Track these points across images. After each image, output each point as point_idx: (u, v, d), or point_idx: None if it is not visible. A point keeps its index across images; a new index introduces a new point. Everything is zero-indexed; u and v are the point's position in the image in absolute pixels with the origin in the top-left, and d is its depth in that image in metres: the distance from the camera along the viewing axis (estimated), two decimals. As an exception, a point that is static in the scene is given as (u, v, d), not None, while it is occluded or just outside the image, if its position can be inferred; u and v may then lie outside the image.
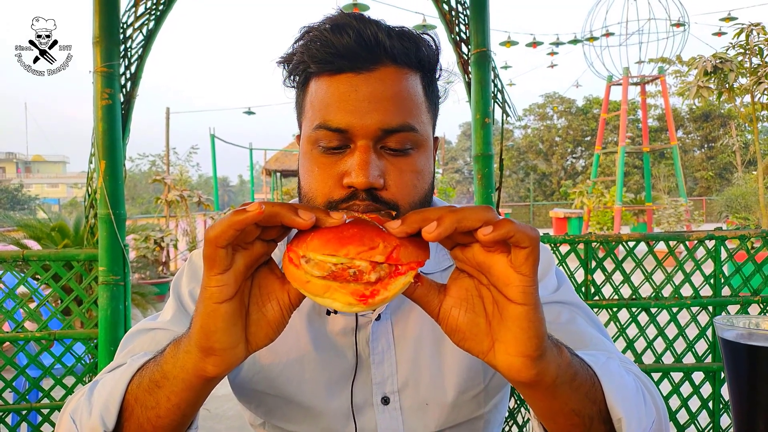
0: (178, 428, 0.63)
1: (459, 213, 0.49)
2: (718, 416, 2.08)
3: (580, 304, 0.87)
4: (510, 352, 0.52)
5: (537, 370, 0.52)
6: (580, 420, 0.61)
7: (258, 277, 0.56)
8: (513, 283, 0.50)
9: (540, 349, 0.52)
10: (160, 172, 14.49)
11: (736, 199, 12.73)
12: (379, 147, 0.75)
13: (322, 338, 0.87)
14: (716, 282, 2.03)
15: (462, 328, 0.55)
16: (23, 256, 1.91)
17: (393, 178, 0.74)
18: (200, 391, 0.58)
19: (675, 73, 14.09)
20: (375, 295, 0.50)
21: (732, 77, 8.68)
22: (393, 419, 0.86)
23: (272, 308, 0.56)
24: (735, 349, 0.65)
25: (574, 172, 35.63)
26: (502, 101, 2.14)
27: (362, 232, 0.50)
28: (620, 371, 0.66)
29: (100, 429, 0.62)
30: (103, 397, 0.64)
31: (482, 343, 0.54)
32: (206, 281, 0.52)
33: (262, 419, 0.91)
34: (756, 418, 0.64)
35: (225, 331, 0.53)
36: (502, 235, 0.48)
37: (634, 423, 0.62)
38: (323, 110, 0.75)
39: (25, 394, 1.99)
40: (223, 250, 0.50)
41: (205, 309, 0.52)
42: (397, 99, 0.74)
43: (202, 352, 0.54)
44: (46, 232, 5.81)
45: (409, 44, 0.77)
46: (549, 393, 0.56)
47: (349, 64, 0.73)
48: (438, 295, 0.56)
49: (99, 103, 1.86)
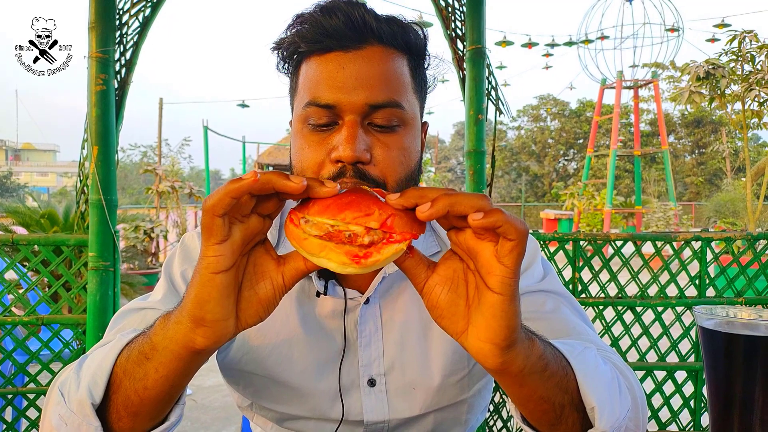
0: (165, 401, 0.63)
1: (454, 197, 0.51)
2: (699, 415, 2.11)
3: (565, 293, 0.89)
4: (480, 337, 0.54)
5: (504, 359, 0.54)
6: (550, 407, 0.63)
7: (253, 256, 0.57)
8: (494, 272, 0.51)
9: (508, 339, 0.53)
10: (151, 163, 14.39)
11: (725, 205, 12.87)
12: (366, 123, 0.78)
13: (311, 320, 0.88)
14: (701, 283, 2.06)
15: (441, 305, 0.56)
16: (12, 240, 1.90)
17: (380, 153, 0.77)
18: (188, 363, 0.59)
19: (668, 79, 14.17)
20: (368, 257, 0.52)
21: (724, 83, 8.76)
22: (378, 401, 0.87)
23: (265, 287, 0.57)
24: (713, 338, 0.66)
25: (566, 174, 35.80)
26: (496, 99, 2.16)
27: (360, 199, 0.53)
28: (596, 360, 0.68)
29: (88, 402, 0.63)
30: (92, 371, 0.65)
31: (458, 324, 0.56)
32: (204, 251, 0.53)
33: (249, 400, 0.92)
34: (732, 405, 0.66)
35: (218, 302, 0.54)
36: (491, 223, 0.50)
37: (607, 411, 0.63)
38: (312, 88, 0.78)
39: (11, 379, 1.98)
40: (220, 219, 0.51)
41: (201, 278, 0.53)
42: (384, 77, 0.78)
43: (194, 322, 0.55)
44: (35, 218, 5.77)
45: (396, 28, 0.80)
46: (517, 381, 0.58)
47: (337, 43, 0.77)
48: (426, 270, 0.57)
49: (93, 89, 1.86)
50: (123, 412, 0.64)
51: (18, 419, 2.02)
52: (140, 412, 0.63)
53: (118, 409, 0.64)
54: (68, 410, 0.64)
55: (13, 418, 2.02)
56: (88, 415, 0.63)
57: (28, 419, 2.00)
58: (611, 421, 0.63)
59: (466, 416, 0.93)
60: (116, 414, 0.64)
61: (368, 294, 0.87)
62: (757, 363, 0.65)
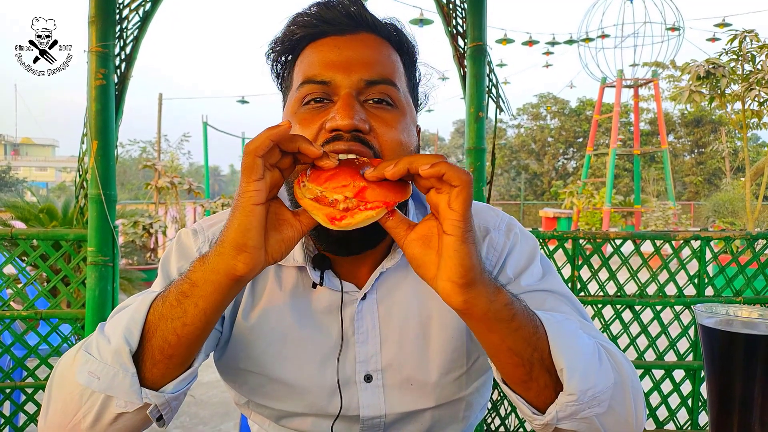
0: (199, 338, 0.68)
1: (413, 157, 0.61)
2: (696, 413, 2.12)
3: (566, 293, 0.88)
4: (443, 277, 0.62)
5: (464, 297, 0.62)
6: (519, 360, 0.67)
7: (273, 206, 0.66)
8: (447, 217, 0.60)
9: (465, 277, 0.61)
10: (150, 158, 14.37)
11: (724, 205, 12.88)
12: (362, 100, 0.79)
13: (306, 316, 0.87)
14: (700, 282, 2.06)
15: (417, 256, 0.65)
16: (11, 234, 1.90)
17: (378, 125, 0.79)
18: (227, 293, 0.65)
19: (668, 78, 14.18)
20: (342, 219, 0.63)
21: (724, 83, 8.75)
22: (375, 397, 0.87)
23: (287, 230, 0.66)
24: (713, 336, 0.66)
25: (565, 173, 35.77)
26: (497, 96, 2.15)
27: (341, 172, 0.64)
28: (575, 330, 0.71)
29: (125, 348, 0.66)
30: (122, 325, 0.68)
31: (430, 271, 0.64)
32: (245, 187, 0.61)
33: (246, 398, 0.92)
34: (731, 403, 0.66)
35: (257, 230, 0.62)
36: (436, 170, 0.59)
37: (578, 375, 0.65)
38: (307, 69, 0.81)
39: (9, 373, 1.98)
40: (260, 160, 0.60)
41: (244, 209, 0.61)
42: (379, 58, 0.81)
43: (236, 249, 0.62)
44: (34, 213, 5.76)
45: (391, 27, 0.85)
46: (484, 326, 0.65)
47: (333, 28, 0.81)
48: (406, 230, 0.66)
49: (93, 83, 1.86)
50: (159, 356, 0.67)
51: (16, 413, 2.02)
52: (175, 354, 0.67)
53: (153, 353, 0.67)
54: (101, 363, 0.67)
55: (11, 412, 2.03)
56: (125, 362, 0.67)
57: (26, 413, 2.00)
58: (582, 386, 0.65)
59: (464, 413, 0.92)
60: (151, 360, 0.68)
61: (365, 289, 0.86)
62: (757, 361, 0.65)
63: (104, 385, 0.67)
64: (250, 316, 0.87)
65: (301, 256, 0.85)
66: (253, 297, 0.88)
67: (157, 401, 0.68)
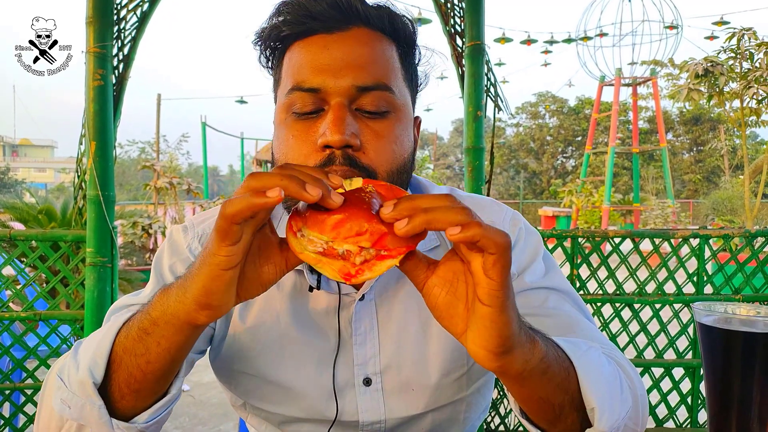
0: (167, 373, 0.65)
1: (432, 213, 0.50)
2: (696, 411, 2.12)
3: (569, 290, 0.87)
4: (476, 342, 0.54)
5: (500, 363, 0.55)
6: (549, 407, 0.63)
7: (258, 239, 0.58)
8: (482, 284, 0.51)
9: (502, 347, 0.53)
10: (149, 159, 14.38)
11: (723, 203, 12.88)
12: (354, 108, 0.75)
13: (303, 318, 0.86)
14: (699, 280, 2.06)
15: (440, 307, 0.56)
16: (10, 235, 1.90)
17: (369, 140, 0.75)
18: (189, 335, 0.61)
19: (666, 76, 14.18)
20: (359, 274, 0.53)
21: (723, 81, 8.76)
22: (374, 400, 0.85)
23: (269, 270, 0.59)
24: (712, 334, 0.66)
25: (564, 172, 35.77)
26: (495, 95, 2.15)
27: (351, 216, 0.52)
28: (600, 360, 0.67)
29: (89, 381, 0.63)
30: (90, 352, 0.66)
31: (457, 326, 0.56)
32: (216, 250, 0.53)
33: (242, 400, 0.90)
34: (730, 401, 0.66)
35: (224, 293, 0.56)
36: (468, 237, 0.49)
37: (607, 412, 0.63)
38: (296, 73, 0.75)
39: (9, 374, 1.98)
40: (237, 226, 0.52)
41: (211, 273, 0.54)
42: (372, 58, 0.75)
43: (198, 305, 0.56)
44: (33, 214, 5.75)
45: (384, 13, 0.78)
46: (517, 381, 0.59)
47: (321, 25, 0.74)
48: (426, 271, 0.57)
49: (90, 84, 1.85)
50: (126, 389, 0.65)
51: (15, 415, 2.02)
52: (143, 388, 0.64)
53: (120, 386, 0.65)
54: (70, 393, 0.65)
55: (11, 413, 2.02)
56: (91, 394, 0.64)
57: (25, 415, 2.00)
58: (611, 421, 0.63)
59: (465, 415, 0.91)
60: (119, 392, 0.65)
61: (363, 291, 0.84)
62: (756, 359, 0.65)
63: (75, 415, 0.65)
64: (247, 316, 0.86)
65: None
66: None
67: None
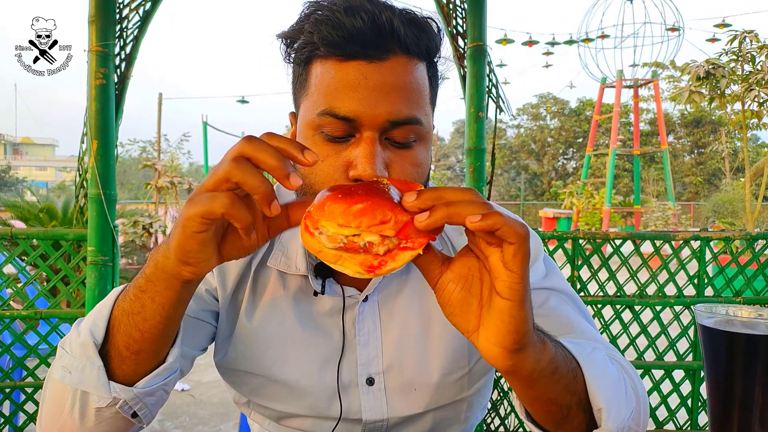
0: (164, 334, 0.66)
1: (453, 207, 0.50)
2: (696, 413, 2.12)
3: (569, 291, 0.88)
4: (490, 339, 0.53)
5: (513, 362, 0.54)
6: (557, 408, 0.63)
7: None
8: (501, 277, 0.51)
9: (518, 344, 0.53)
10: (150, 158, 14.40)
11: (723, 205, 12.89)
12: (384, 138, 0.74)
13: (308, 319, 0.87)
14: (700, 282, 2.06)
15: (454, 303, 0.56)
16: (11, 233, 1.90)
17: (395, 170, 0.74)
18: (179, 290, 0.62)
19: (668, 78, 14.20)
20: (382, 265, 0.52)
21: (724, 83, 8.76)
22: (377, 399, 0.87)
23: (251, 237, 0.60)
24: (713, 336, 0.66)
25: (565, 173, 35.79)
26: (497, 96, 2.15)
27: (375, 205, 0.51)
28: (605, 361, 0.68)
29: (90, 342, 0.65)
30: (91, 319, 0.68)
31: (469, 323, 0.55)
32: (187, 214, 0.54)
33: (246, 398, 0.92)
34: (731, 403, 0.66)
35: (199, 252, 0.57)
36: (488, 225, 0.49)
37: (614, 413, 0.63)
38: (330, 96, 0.73)
39: (9, 373, 1.98)
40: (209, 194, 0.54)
41: (184, 233, 0.55)
42: (406, 91, 0.74)
43: (179, 261, 0.58)
44: (34, 213, 5.76)
45: (419, 32, 0.76)
46: (526, 383, 0.59)
47: (360, 50, 0.72)
48: (440, 267, 0.56)
49: (93, 83, 1.86)
50: (126, 352, 0.66)
51: (16, 413, 2.02)
52: (142, 349, 0.66)
53: (120, 349, 0.66)
54: (71, 357, 0.67)
55: (11, 411, 2.02)
56: (91, 355, 0.66)
57: (26, 413, 2.00)
58: (617, 422, 0.63)
59: (466, 414, 0.92)
60: (119, 356, 0.66)
61: (367, 292, 0.86)
62: (757, 362, 0.65)
63: (75, 380, 0.66)
64: (253, 317, 0.87)
65: (303, 264, 0.85)
66: (254, 297, 0.88)
67: (126, 396, 0.67)
